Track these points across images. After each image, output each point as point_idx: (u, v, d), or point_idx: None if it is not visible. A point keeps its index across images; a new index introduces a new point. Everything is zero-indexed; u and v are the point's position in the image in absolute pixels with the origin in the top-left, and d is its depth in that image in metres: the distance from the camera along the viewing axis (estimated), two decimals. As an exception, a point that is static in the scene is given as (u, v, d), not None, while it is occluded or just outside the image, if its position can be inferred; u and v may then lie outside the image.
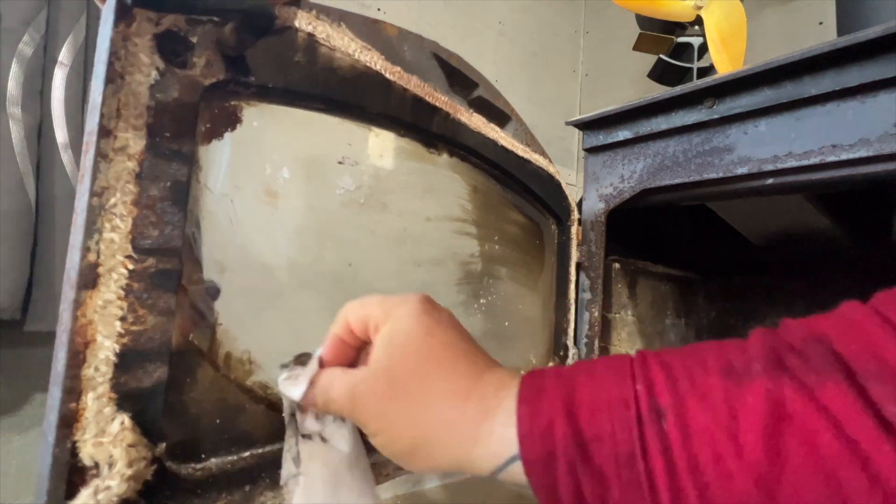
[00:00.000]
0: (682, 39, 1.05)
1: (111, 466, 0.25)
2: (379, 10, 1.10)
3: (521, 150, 0.58)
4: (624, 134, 0.62)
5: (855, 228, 0.75)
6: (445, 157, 0.50)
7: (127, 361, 0.26)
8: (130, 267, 0.27)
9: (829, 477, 0.18)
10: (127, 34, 0.27)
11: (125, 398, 0.26)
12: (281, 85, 0.34)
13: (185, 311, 0.30)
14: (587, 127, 0.66)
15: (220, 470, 0.31)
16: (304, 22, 0.35)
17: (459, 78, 0.51)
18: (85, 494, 0.24)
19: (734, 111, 0.51)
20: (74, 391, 0.25)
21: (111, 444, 0.25)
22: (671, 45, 1.06)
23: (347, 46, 0.37)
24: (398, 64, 0.42)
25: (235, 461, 0.32)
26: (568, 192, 0.66)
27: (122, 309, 0.26)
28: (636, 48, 1.12)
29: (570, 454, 0.22)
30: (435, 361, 0.26)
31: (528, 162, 0.59)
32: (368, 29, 0.40)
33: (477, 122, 0.51)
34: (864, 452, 0.18)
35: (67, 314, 0.25)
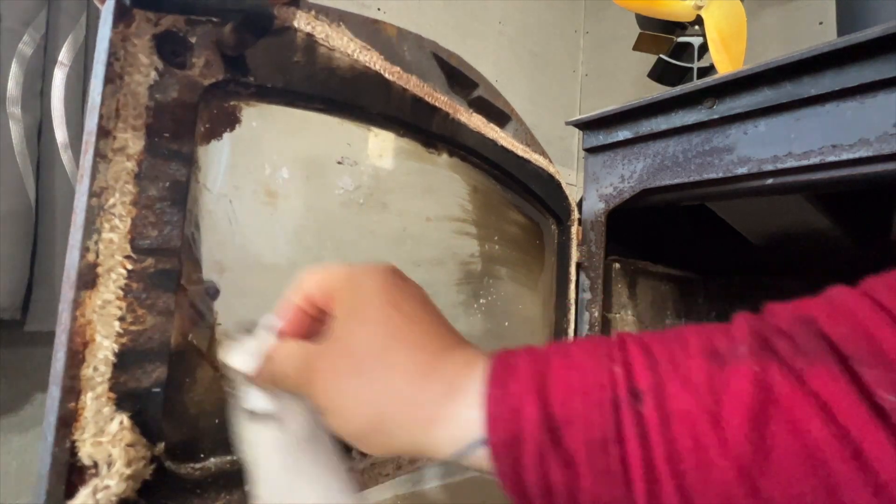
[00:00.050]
0: (682, 39, 1.05)
1: (110, 466, 0.25)
2: (379, 9, 1.10)
3: (521, 150, 0.58)
4: (624, 134, 0.62)
5: (855, 228, 0.75)
6: (445, 157, 0.50)
7: (126, 361, 0.26)
8: (129, 267, 0.27)
9: (817, 467, 0.17)
10: (126, 35, 0.27)
11: (124, 398, 0.26)
12: (280, 85, 0.34)
13: (184, 311, 0.30)
14: (587, 127, 0.66)
15: (219, 470, 0.31)
16: (303, 22, 0.35)
17: (459, 78, 0.51)
18: (84, 494, 0.24)
19: (734, 111, 0.51)
20: (73, 391, 0.25)
21: (110, 443, 0.25)
22: (671, 45, 1.06)
23: (346, 46, 0.37)
24: (398, 64, 0.42)
25: (234, 461, 0.32)
26: (568, 192, 0.66)
27: (121, 309, 0.26)
28: (636, 48, 1.12)
29: (539, 438, 0.21)
30: (398, 336, 0.24)
31: (528, 162, 0.59)
32: (368, 29, 0.40)
33: (477, 122, 0.51)
34: (855, 441, 0.17)
35: (66, 314, 0.25)
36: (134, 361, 0.27)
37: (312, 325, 0.27)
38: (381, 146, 0.44)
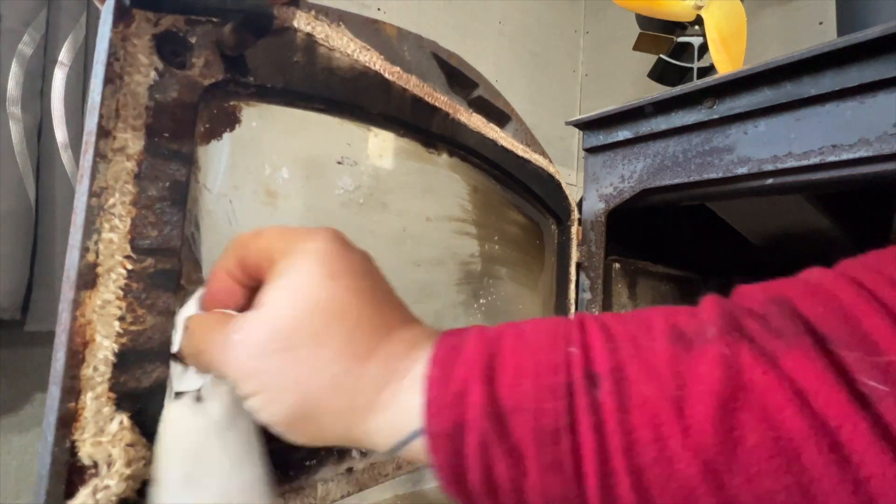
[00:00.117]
0: (682, 39, 1.05)
1: (110, 466, 0.25)
2: (379, 9, 1.10)
3: (521, 150, 0.58)
4: (624, 134, 0.62)
5: (855, 228, 0.75)
6: (445, 157, 0.50)
7: (126, 361, 0.26)
8: (129, 267, 0.27)
9: (790, 461, 0.15)
10: (126, 35, 0.27)
11: (124, 398, 0.26)
12: (280, 85, 0.34)
13: (184, 311, 0.30)
14: (587, 127, 0.66)
15: (219, 470, 0.31)
16: (302, 22, 0.35)
17: (459, 78, 0.51)
18: (84, 494, 0.24)
19: (734, 111, 0.51)
20: (73, 391, 0.25)
21: (110, 443, 0.25)
22: (671, 45, 1.07)
23: (346, 46, 0.37)
24: (397, 64, 0.42)
25: (234, 461, 0.32)
26: (568, 192, 0.66)
27: (120, 309, 0.26)
28: (636, 48, 1.12)
29: (483, 427, 0.18)
30: (334, 312, 0.21)
31: (528, 162, 0.59)
32: (367, 29, 0.40)
33: (477, 122, 0.51)
34: (833, 431, 0.15)
35: (66, 314, 0.25)
36: (134, 361, 0.27)
37: (243, 292, 0.24)
38: (380, 146, 0.44)
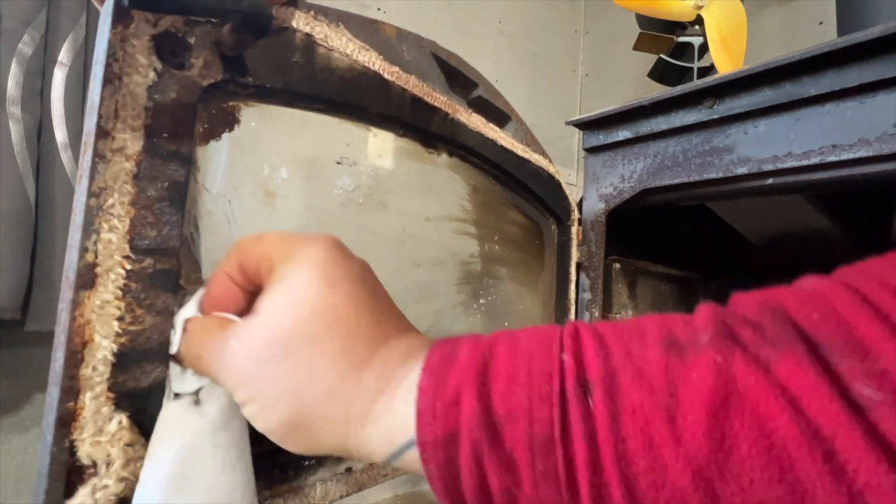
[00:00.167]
0: (682, 39, 1.05)
1: (109, 465, 0.25)
2: (379, 9, 1.10)
3: (521, 150, 0.58)
4: (624, 134, 0.62)
5: (855, 228, 0.75)
6: (445, 157, 0.50)
7: (125, 361, 0.26)
8: (128, 267, 0.27)
9: (784, 470, 0.15)
10: (125, 35, 0.27)
11: (123, 398, 0.26)
12: (279, 85, 0.34)
13: (183, 311, 0.30)
14: (587, 127, 0.66)
15: (218, 470, 0.31)
16: (301, 22, 0.35)
17: (459, 78, 0.51)
18: (83, 493, 0.24)
19: (734, 111, 0.51)
20: (72, 391, 0.25)
21: (109, 443, 0.25)
22: (671, 44, 1.06)
23: (345, 47, 0.37)
24: (397, 64, 0.42)
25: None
26: (568, 192, 0.66)
27: (119, 309, 0.26)
28: (636, 48, 1.12)
29: (476, 436, 0.18)
30: (331, 320, 0.21)
31: (528, 162, 0.59)
32: (367, 29, 0.40)
33: (476, 121, 0.51)
34: (827, 440, 0.15)
35: (65, 314, 0.25)
36: (133, 361, 0.27)
37: (243, 297, 0.24)
38: (380, 146, 0.44)
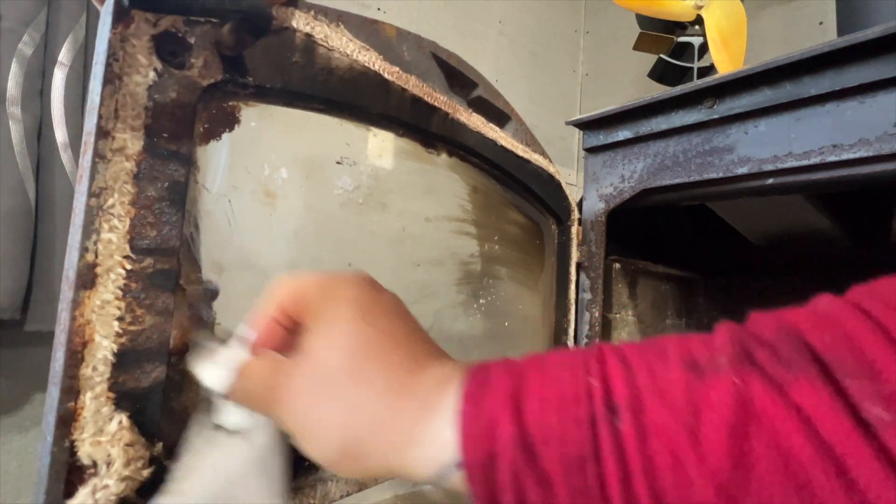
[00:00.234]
0: (682, 39, 1.05)
1: (109, 465, 0.25)
2: (379, 9, 1.10)
3: (521, 149, 0.58)
4: (624, 134, 0.62)
5: (855, 229, 0.75)
6: (445, 157, 0.50)
7: (125, 361, 0.26)
8: (128, 267, 0.27)
9: (800, 486, 0.16)
10: (125, 35, 0.27)
11: (123, 398, 0.26)
12: (279, 85, 0.34)
13: (183, 311, 0.30)
14: (587, 127, 0.66)
15: (218, 470, 0.31)
16: (301, 22, 0.35)
17: (459, 78, 0.51)
18: (83, 493, 0.24)
19: (734, 111, 0.51)
20: (72, 391, 0.25)
21: (109, 443, 0.25)
22: (671, 44, 1.06)
23: (345, 47, 0.37)
24: (397, 64, 0.42)
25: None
26: (568, 192, 0.66)
27: (119, 309, 0.26)
28: (636, 48, 1.12)
29: (514, 457, 0.20)
30: (370, 353, 0.23)
31: (528, 162, 0.59)
32: (367, 29, 0.40)
33: (476, 121, 0.51)
34: (839, 458, 0.16)
35: (65, 314, 0.25)
36: (133, 361, 0.27)
37: (286, 336, 0.26)
38: (380, 146, 0.44)
